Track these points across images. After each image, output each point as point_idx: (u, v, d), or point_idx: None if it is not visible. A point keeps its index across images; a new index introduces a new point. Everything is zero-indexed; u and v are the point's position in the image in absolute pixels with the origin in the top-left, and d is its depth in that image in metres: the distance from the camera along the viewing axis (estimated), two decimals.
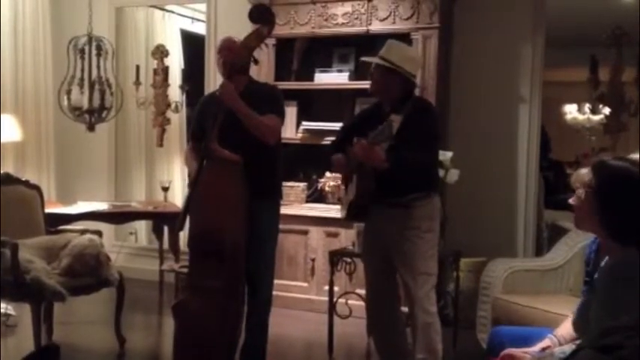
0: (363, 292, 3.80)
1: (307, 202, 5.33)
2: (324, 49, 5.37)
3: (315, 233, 5.12)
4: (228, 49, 3.56)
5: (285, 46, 5.36)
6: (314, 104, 5.49)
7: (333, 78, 5.22)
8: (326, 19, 5.14)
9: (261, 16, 3.48)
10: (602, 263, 2.21)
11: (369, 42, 5.04)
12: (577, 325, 2.28)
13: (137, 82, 5.97)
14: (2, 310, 4.48)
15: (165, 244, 5.67)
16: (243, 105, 3.40)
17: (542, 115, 5.16)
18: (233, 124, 3.39)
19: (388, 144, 3.14)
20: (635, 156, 5.75)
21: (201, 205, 3.43)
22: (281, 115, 3.59)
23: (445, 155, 4.23)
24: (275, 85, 4.33)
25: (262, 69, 5.16)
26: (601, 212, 2.11)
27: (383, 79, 3.42)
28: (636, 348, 1.92)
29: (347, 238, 4.71)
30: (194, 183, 3.44)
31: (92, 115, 5.51)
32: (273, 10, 3.71)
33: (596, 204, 2.12)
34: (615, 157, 2.18)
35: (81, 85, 5.50)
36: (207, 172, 3.42)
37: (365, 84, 4.22)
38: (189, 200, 3.48)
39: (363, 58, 3.67)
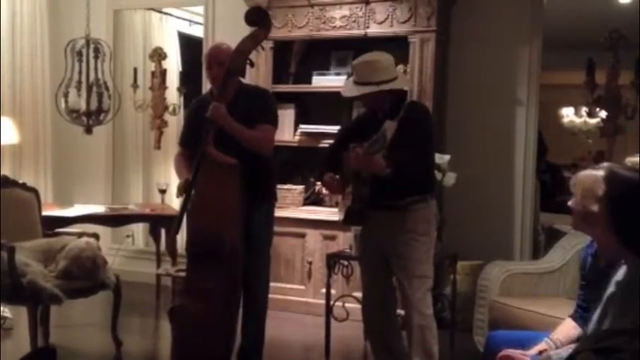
0: (360, 294, 3.80)
1: (304, 204, 5.33)
2: (322, 52, 5.37)
3: (312, 236, 5.12)
4: (217, 62, 3.53)
5: (282, 48, 5.36)
6: (312, 107, 5.49)
7: (330, 81, 5.22)
8: (324, 22, 5.14)
9: (257, 18, 3.48)
10: (618, 276, 2.20)
11: (367, 45, 5.04)
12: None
13: (135, 85, 5.97)
14: None
15: (163, 247, 5.66)
16: (235, 124, 3.41)
17: (539, 118, 5.16)
18: None
19: (383, 153, 3.14)
20: (633, 159, 5.77)
21: (199, 208, 3.43)
22: (275, 123, 3.60)
23: (442, 158, 4.23)
24: (266, 89, 4.32)
25: (260, 72, 5.17)
26: (614, 222, 2.14)
27: (370, 99, 3.40)
28: (636, 351, 1.92)
29: (344, 241, 4.72)
30: (189, 188, 3.44)
31: (89, 118, 5.50)
32: (270, 13, 3.72)
33: (608, 214, 2.15)
34: (622, 167, 2.21)
35: (78, 88, 5.49)
36: (203, 175, 3.42)
37: None
38: (186, 203, 3.48)
39: (344, 94, 3.50)
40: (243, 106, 3.44)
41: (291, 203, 5.24)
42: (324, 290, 4.41)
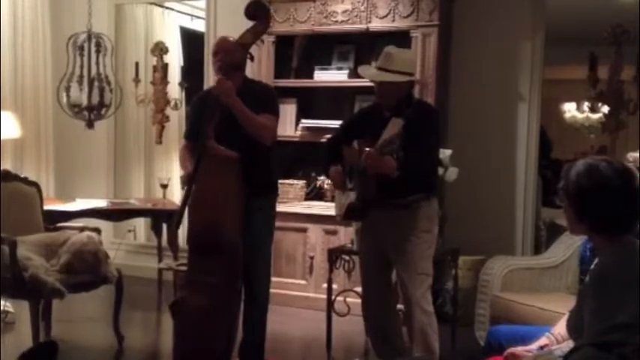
0: (361, 289, 3.80)
1: (306, 199, 5.34)
2: (324, 47, 5.37)
3: (314, 231, 5.12)
4: (224, 51, 3.53)
5: (284, 43, 5.35)
6: (313, 102, 5.49)
7: (332, 76, 5.22)
8: (325, 17, 5.13)
9: (257, 12, 3.47)
10: (592, 265, 2.23)
11: (369, 40, 5.05)
12: (571, 328, 2.29)
13: (136, 79, 5.97)
14: (1, 308, 4.47)
15: (164, 242, 5.66)
16: (240, 103, 3.39)
17: (541, 113, 5.15)
18: (230, 122, 3.38)
19: (398, 153, 3.14)
20: (634, 154, 5.76)
21: (200, 202, 3.43)
22: (276, 115, 3.59)
23: (444, 153, 4.23)
24: (268, 84, 4.32)
25: (262, 66, 5.17)
26: (573, 208, 2.16)
27: (392, 89, 3.39)
28: (637, 346, 1.92)
29: (346, 235, 4.72)
30: (190, 182, 3.44)
31: (91, 112, 5.50)
32: (272, 8, 3.71)
33: (568, 202, 2.17)
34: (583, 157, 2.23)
35: (80, 82, 5.48)
36: (204, 169, 3.41)
37: (364, 82, 4.22)
38: (187, 197, 3.48)
39: (375, 79, 3.46)
40: (247, 100, 3.43)
41: (292, 198, 5.24)
42: (325, 285, 4.41)
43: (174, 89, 6.20)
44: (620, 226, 2.12)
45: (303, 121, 5.32)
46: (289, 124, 5.27)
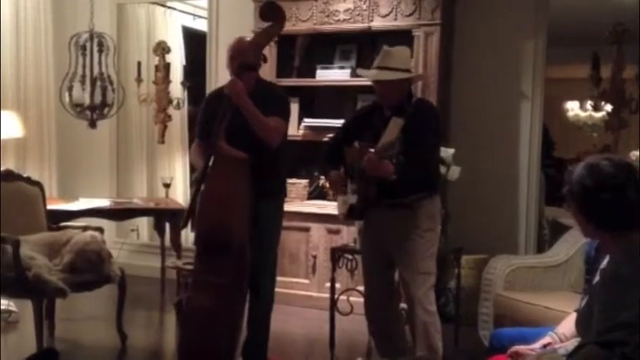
0: (363, 289, 3.81)
1: (309, 198, 5.34)
2: (326, 46, 5.37)
3: (317, 230, 5.12)
4: (237, 52, 3.53)
5: (286, 42, 5.34)
6: (315, 101, 5.49)
7: (334, 74, 5.22)
8: (328, 16, 5.13)
9: (272, 13, 3.47)
10: (602, 264, 2.23)
11: (371, 38, 5.05)
12: (580, 327, 2.29)
13: (139, 79, 5.98)
14: (4, 307, 4.48)
15: (167, 241, 5.67)
16: (251, 104, 3.39)
17: (544, 112, 5.15)
18: (240, 123, 3.38)
19: (398, 157, 3.14)
20: (636, 152, 5.76)
21: (209, 202, 3.43)
22: (286, 118, 3.60)
23: (447, 152, 4.22)
24: (280, 86, 4.32)
25: (264, 66, 5.14)
26: (580, 209, 2.16)
27: (392, 88, 3.39)
28: (638, 344, 1.92)
29: (348, 234, 4.72)
30: (200, 180, 3.44)
31: (94, 112, 5.50)
32: None
33: (574, 204, 2.16)
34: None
35: (82, 82, 5.49)
36: (214, 169, 3.42)
37: (366, 81, 4.22)
38: (195, 197, 3.48)
39: (378, 78, 3.46)
40: (258, 101, 3.43)
41: (295, 197, 5.24)
42: (328, 284, 4.42)
43: (177, 88, 6.20)
44: (629, 222, 2.12)
45: (306, 120, 5.32)
46: (292, 123, 5.18)
